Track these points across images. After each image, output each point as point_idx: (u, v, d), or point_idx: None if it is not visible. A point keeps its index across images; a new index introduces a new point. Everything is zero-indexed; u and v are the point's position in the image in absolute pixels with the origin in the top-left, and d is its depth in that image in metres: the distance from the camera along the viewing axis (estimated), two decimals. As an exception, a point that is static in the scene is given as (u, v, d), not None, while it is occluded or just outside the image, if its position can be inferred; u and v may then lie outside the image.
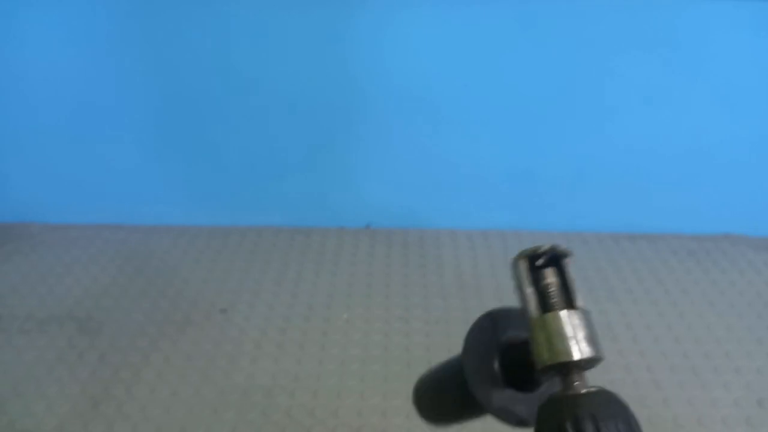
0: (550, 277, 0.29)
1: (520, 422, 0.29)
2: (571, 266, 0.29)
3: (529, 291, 0.28)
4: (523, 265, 0.29)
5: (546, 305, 0.28)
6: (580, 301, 0.28)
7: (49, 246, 1.09)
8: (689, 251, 1.09)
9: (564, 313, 0.27)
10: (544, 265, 0.29)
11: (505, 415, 0.29)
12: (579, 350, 0.26)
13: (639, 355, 0.85)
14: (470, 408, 0.30)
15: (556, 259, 0.29)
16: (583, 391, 0.25)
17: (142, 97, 1.03)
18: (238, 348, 0.86)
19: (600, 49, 0.97)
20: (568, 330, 0.26)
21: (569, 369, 0.26)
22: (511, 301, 1.02)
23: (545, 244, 0.29)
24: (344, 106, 1.03)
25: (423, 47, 0.97)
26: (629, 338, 0.88)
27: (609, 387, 0.81)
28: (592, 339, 0.26)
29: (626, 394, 0.86)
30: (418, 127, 1.05)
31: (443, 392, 0.33)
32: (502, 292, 0.98)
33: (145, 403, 0.77)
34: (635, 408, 0.84)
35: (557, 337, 0.26)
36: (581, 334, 0.26)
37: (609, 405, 0.25)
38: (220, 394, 0.78)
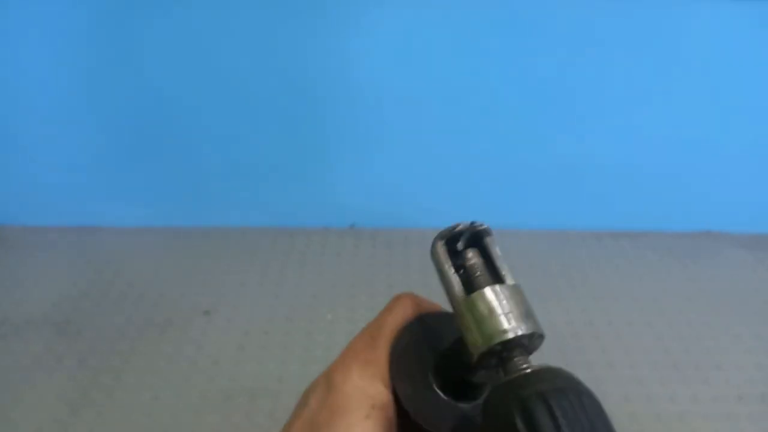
0: (472, 256, 0.26)
1: None
2: (495, 244, 0.26)
3: (451, 273, 0.25)
4: (441, 248, 0.26)
5: (471, 286, 0.25)
6: (509, 278, 0.25)
7: (25, 249, 1.07)
8: (670, 248, 1.11)
9: (490, 290, 0.24)
10: (465, 247, 0.27)
11: None
12: (513, 327, 0.23)
13: (622, 351, 0.86)
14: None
15: (476, 238, 0.26)
16: (526, 371, 0.23)
17: (117, 97, 1.01)
18: (221, 350, 0.85)
19: (582, 47, 0.97)
20: (498, 307, 0.23)
21: (509, 351, 0.23)
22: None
23: (462, 223, 0.26)
24: (327, 105, 1.03)
25: (404, 45, 0.97)
26: (611, 335, 0.89)
27: (593, 385, 0.81)
28: (527, 314, 0.24)
29: (610, 391, 0.87)
30: (403, 126, 1.05)
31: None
32: (486, 291, 0.98)
33: (126, 408, 0.76)
34: (620, 404, 0.85)
35: (487, 318, 0.23)
36: (514, 310, 0.24)
37: (556, 380, 0.22)
38: (203, 397, 0.77)
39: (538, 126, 1.05)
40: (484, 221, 0.26)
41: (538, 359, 0.23)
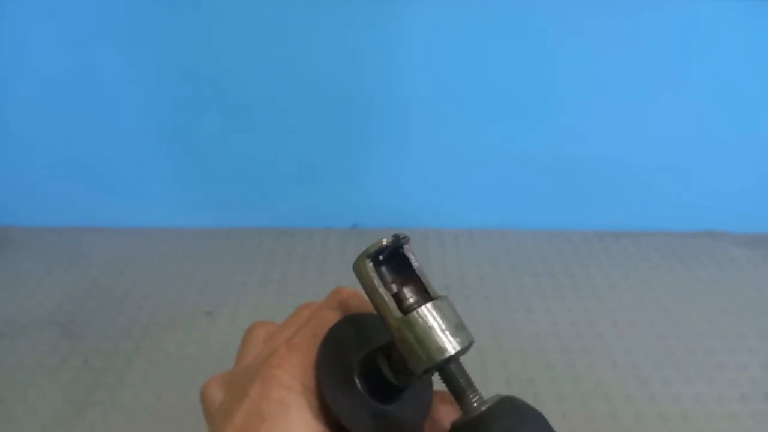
0: (396, 268, 0.27)
1: None
2: (413, 252, 0.26)
3: (384, 292, 0.25)
4: (370, 266, 0.26)
5: (405, 304, 0.26)
6: (432, 289, 0.26)
7: (29, 249, 1.07)
8: (672, 248, 1.10)
9: (425, 308, 0.24)
10: (387, 260, 0.27)
11: None
12: (452, 343, 0.24)
13: (624, 351, 0.86)
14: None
15: (397, 249, 0.27)
16: (484, 408, 0.23)
17: (129, 98, 1.01)
18: (224, 350, 0.85)
19: (583, 47, 0.97)
20: (436, 325, 0.24)
21: (447, 365, 0.24)
22: (497, 302, 1.03)
23: (385, 238, 0.26)
24: (328, 107, 1.03)
25: (412, 47, 0.97)
26: (614, 335, 0.89)
27: (596, 384, 0.82)
28: (460, 326, 0.25)
29: (613, 390, 0.87)
30: (404, 128, 1.05)
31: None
32: (488, 290, 0.98)
33: (129, 408, 0.76)
34: (623, 404, 0.85)
35: (427, 336, 0.24)
36: (450, 325, 0.24)
37: (514, 415, 0.23)
38: (205, 398, 0.78)
39: (540, 127, 1.05)
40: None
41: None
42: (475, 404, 0.24)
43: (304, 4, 0.93)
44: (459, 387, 0.24)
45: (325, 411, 0.25)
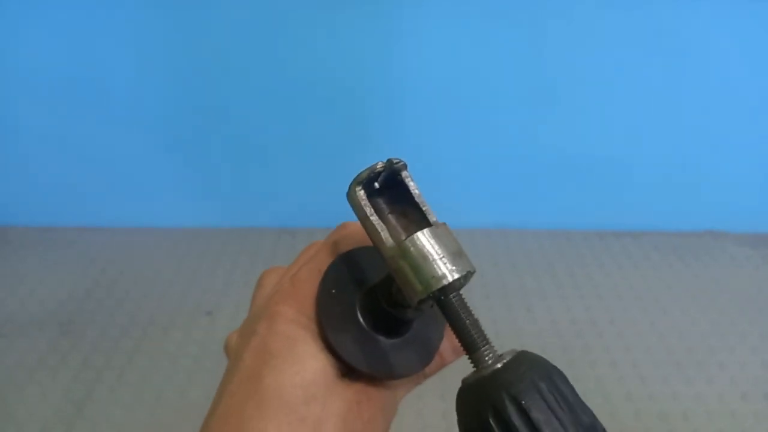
0: (395, 198, 0.25)
1: (400, 373, 0.26)
2: (411, 179, 0.25)
3: (376, 220, 0.24)
4: (362, 194, 0.25)
5: (398, 231, 0.24)
6: (432, 216, 0.24)
7: (29, 249, 1.07)
8: (673, 247, 1.10)
9: (421, 235, 0.23)
10: (383, 187, 0.25)
11: (383, 371, 0.25)
12: (450, 271, 0.22)
13: (624, 350, 0.86)
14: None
15: (393, 176, 0.25)
16: (499, 365, 0.21)
17: (130, 99, 1.01)
18: (223, 350, 0.85)
19: (586, 47, 0.97)
20: (432, 252, 0.23)
21: (446, 294, 0.23)
22: (498, 301, 1.02)
23: (380, 162, 0.25)
24: (328, 107, 1.03)
25: (412, 48, 0.97)
26: (614, 334, 0.89)
27: (596, 383, 0.82)
28: (459, 254, 0.23)
29: (613, 389, 0.86)
30: (405, 126, 1.05)
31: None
32: (489, 290, 0.98)
33: (129, 407, 0.76)
34: (623, 403, 0.84)
35: (422, 264, 0.22)
36: (447, 253, 0.23)
37: (533, 373, 0.21)
38: (206, 397, 0.77)
39: (541, 127, 1.05)
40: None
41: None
42: (489, 360, 0.22)
43: (304, 5, 0.93)
44: (465, 329, 0.22)
45: (328, 343, 0.25)
